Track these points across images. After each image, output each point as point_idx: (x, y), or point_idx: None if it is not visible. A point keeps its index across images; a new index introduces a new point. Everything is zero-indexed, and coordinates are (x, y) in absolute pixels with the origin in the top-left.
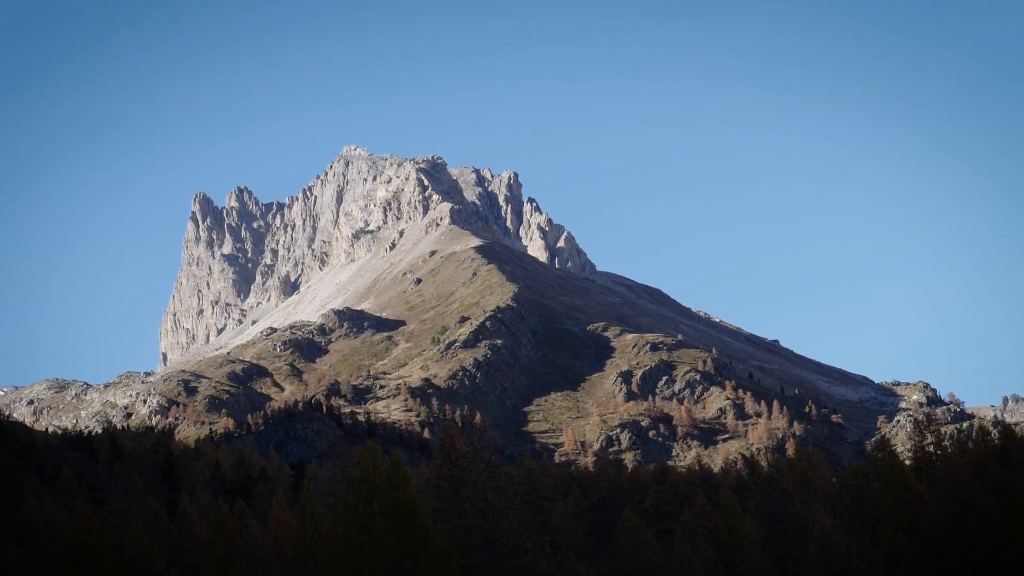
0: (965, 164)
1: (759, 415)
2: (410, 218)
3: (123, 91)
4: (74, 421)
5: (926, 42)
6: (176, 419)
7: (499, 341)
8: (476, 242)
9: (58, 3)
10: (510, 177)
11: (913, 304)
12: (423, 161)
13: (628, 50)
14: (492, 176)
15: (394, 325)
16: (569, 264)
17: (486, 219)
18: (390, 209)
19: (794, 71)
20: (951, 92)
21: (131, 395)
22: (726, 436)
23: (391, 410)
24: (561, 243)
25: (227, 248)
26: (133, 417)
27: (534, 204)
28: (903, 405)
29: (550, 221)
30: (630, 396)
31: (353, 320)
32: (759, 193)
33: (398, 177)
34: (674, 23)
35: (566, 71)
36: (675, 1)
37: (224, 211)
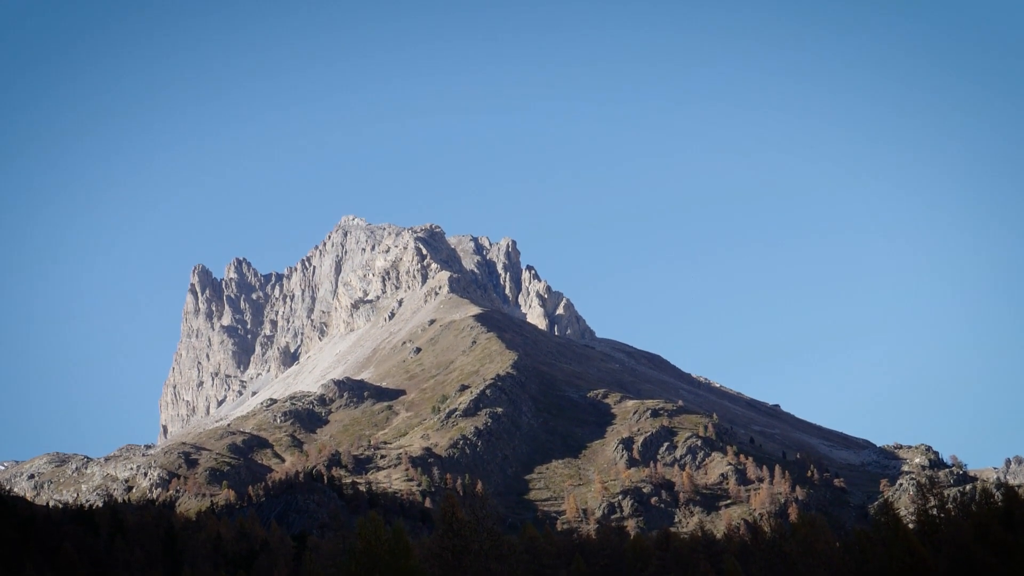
0: (963, 228)
1: (761, 480)
2: (409, 287)
3: (120, 163)
4: (75, 495)
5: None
6: (177, 492)
7: (499, 409)
8: (475, 310)
9: (36, 84)
10: (508, 245)
11: (913, 366)
12: (421, 230)
13: (621, 114)
14: (490, 244)
15: (394, 394)
16: (568, 331)
17: (485, 287)
18: (389, 278)
19: (787, 133)
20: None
21: (132, 468)
22: (728, 502)
23: (392, 480)
24: (560, 310)
25: (226, 320)
26: (134, 490)
27: (532, 272)
28: (905, 468)
29: (549, 288)
30: (631, 463)
31: (353, 390)
32: (756, 258)
33: (396, 246)
34: (666, 85)
35: (562, 136)
36: (666, 63)
37: (223, 283)
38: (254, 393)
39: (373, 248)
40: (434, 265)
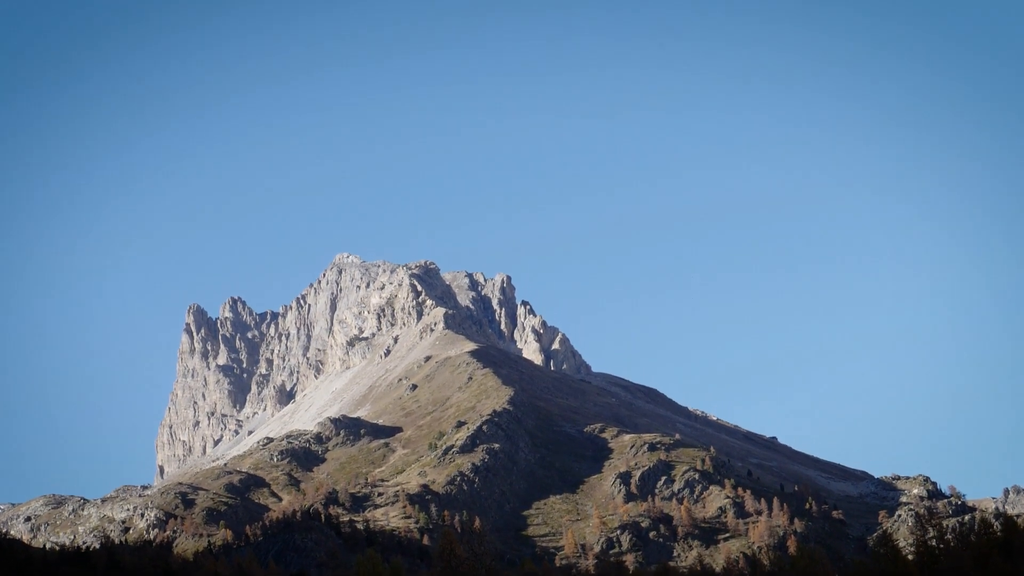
0: (961, 254)
1: (759, 513)
2: (404, 324)
3: (112, 202)
4: (72, 537)
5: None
6: (174, 532)
7: (496, 445)
8: (471, 346)
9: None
10: (503, 281)
11: (911, 396)
12: (416, 267)
13: (615, 149)
14: (485, 280)
15: (391, 432)
16: (564, 366)
17: (480, 323)
18: (384, 316)
19: (777, 154)
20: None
21: (128, 509)
22: (727, 535)
23: (390, 517)
24: (556, 345)
25: (222, 359)
26: (131, 531)
27: (528, 307)
28: (904, 499)
29: (544, 324)
30: (629, 497)
31: (349, 428)
32: (753, 290)
33: (391, 283)
34: (659, 113)
35: (555, 172)
36: (659, 95)
37: (218, 322)
38: (250, 432)
39: (368, 285)
40: (429, 302)
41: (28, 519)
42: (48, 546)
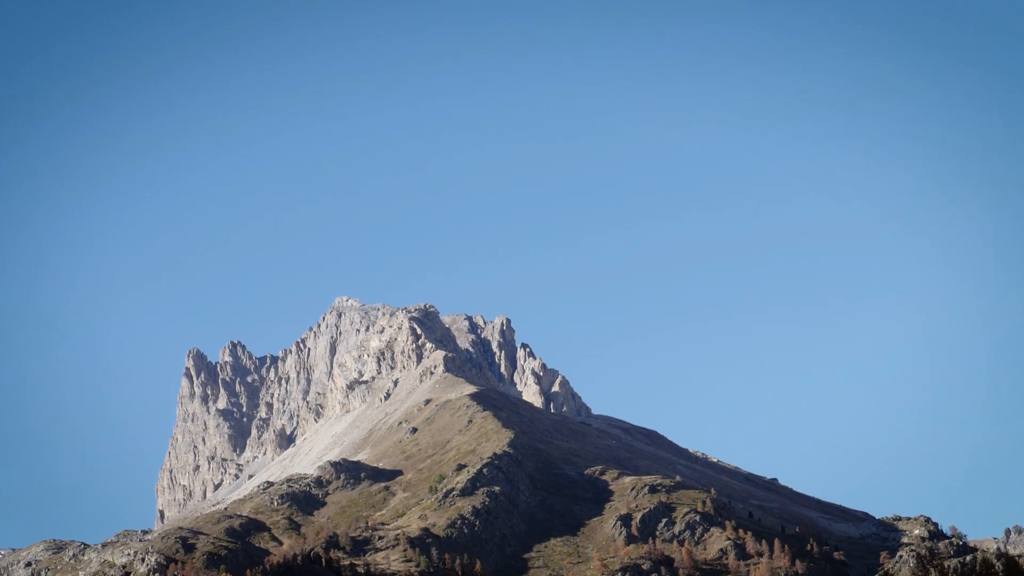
0: (960, 288)
1: (761, 554)
2: (404, 367)
3: (110, 247)
4: None
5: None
6: None
7: (497, 488)
8: (471, 389)
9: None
10: (503, 323)
11: (912, 437)
12: (415, 310)
13: (612, 191)
14: (485, 323)
15: (391, 475)
16: (564, 408)
17: (480, 366)
18: (384, 359)
19: (776, 191)
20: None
21: (129, 554)
22: None
23: (390, 561)
24: (556, 388)
25: (222, 403)
26: None
27: (527, 350)
28: (905, 540)
29: (544, 366)
30: (630, 539)
31: (350, 471)
32: (752, 331)
33: (391, 327)
34: (656, 161)
35: (553, 214)
36: (653, 126)
37: (218, 366)
38: (251, 476)
39: (367, 329)
40: (429, 345)
41: (28, 564)
42: None
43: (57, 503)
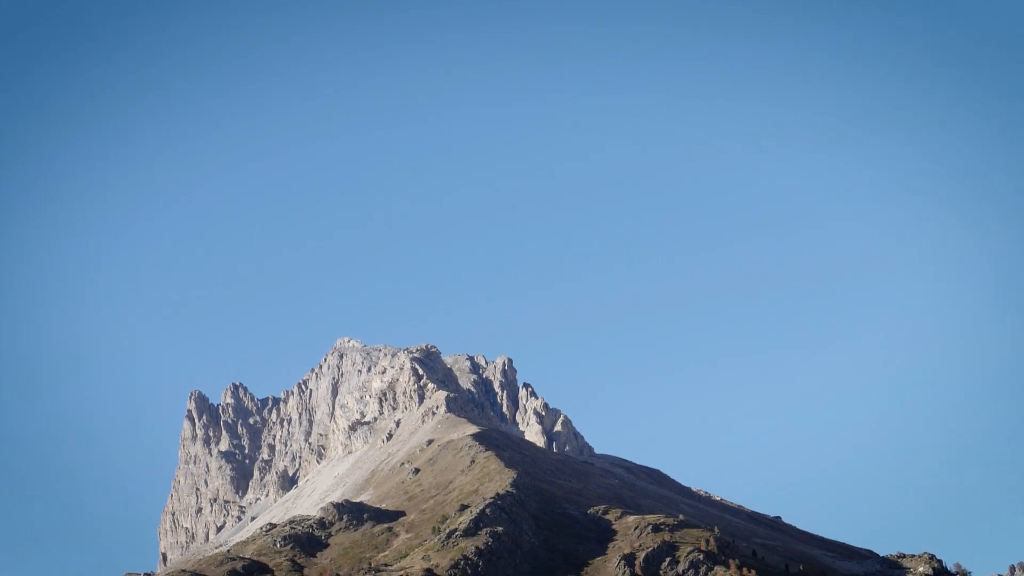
0: (967, 336)
1: None
2: (406, 408)
3: (114, 292)
4: None
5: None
6: None
7: (500, 528)
8: (473, 429)
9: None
10: (504, 363)
11: (916, 473)
12: (417, 350)
13: (613, 230)
14: (486, 363)
15: (394, 516)
16: (567, 448)
17: (482, 406)
18: (386, 400)
19: (777, 221)
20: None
21: None
22: None
23: None
24: (558, 427)
25: (224, 445)
26: None
27: (529, 389)
28: None
29: (546, 405)
30: None
31: (352, 512)
32: (755, 369)
33: (392, 367)
34: (657, 198)
35: (554, 254)
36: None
37: (220, 408)
38: (253, 518)
39: (369, 370)
40: (431, 385)
41: None
42: None
43: (60, 546)
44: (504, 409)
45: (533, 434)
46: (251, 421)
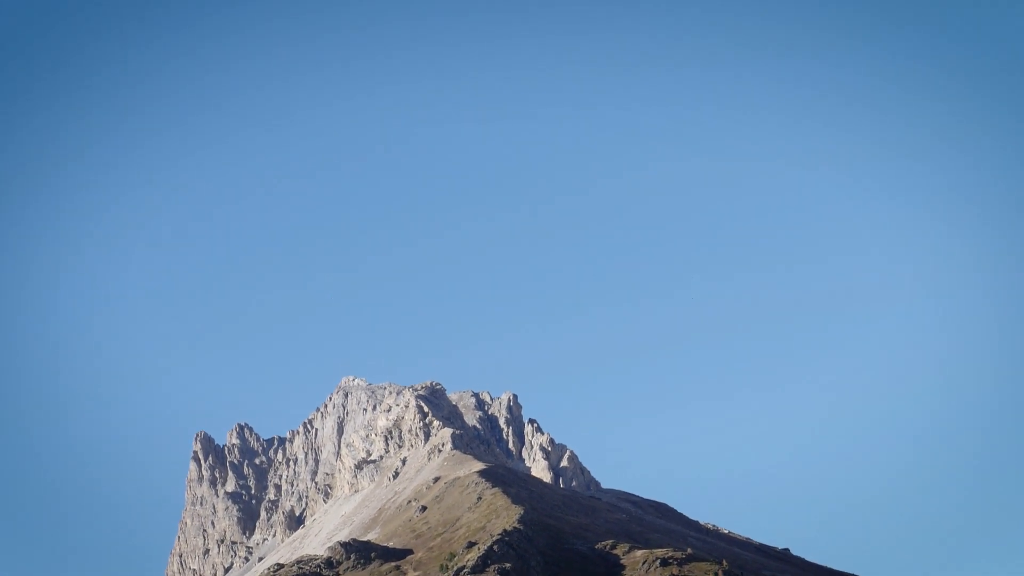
0: (975, 372)
1: None
2: (412, 446)
3: (117, 334)
4: None
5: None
6: None
7: (508, 564)
8: (479, 466)
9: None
10: (509, 399)
11: (925, 505)
12: (422, 388)
13: (615, 266)
14: (491, 399)
15: (401, 554)
16: (574, 483)
17: (488, 443)
18: (391, 438)
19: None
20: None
21: None
22: None
23: None
24: (564, 462)
25: (230, 486)
26: None
27: (535, 425)
28: None
29: (552, 441)
30: None
31: (360, 551)
32: (762, 401)
33: (398, 405)
34: (658, 233)
35: (557, 291)
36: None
37: (226, 449)
38: (261, 559)
39: (374, 408)
40: (436, 422)
41: None
42: None
43: None
44: (510, 445)
45: (539, 470)
46: (257, 461)
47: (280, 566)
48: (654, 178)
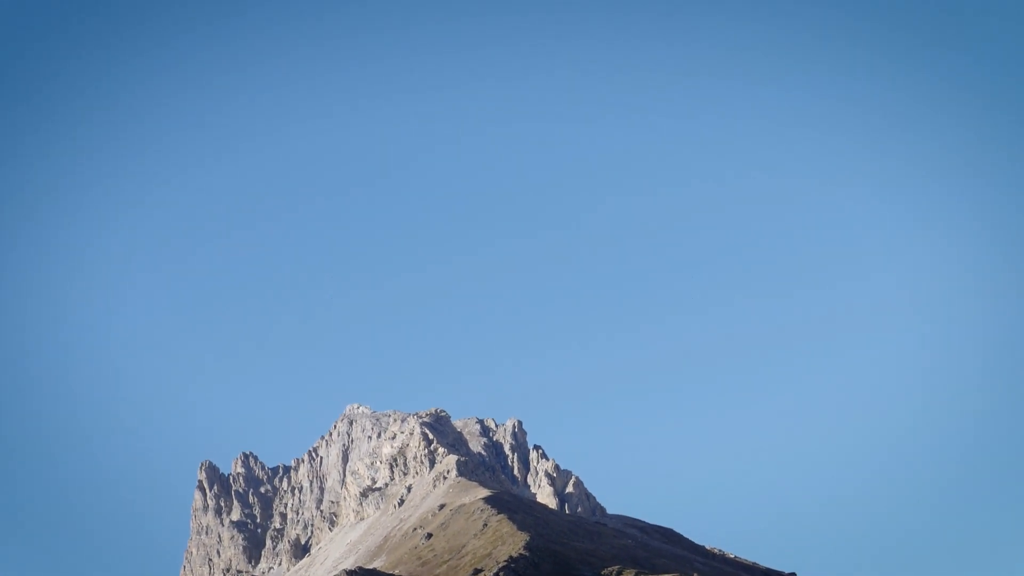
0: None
1: None
2: (417, 473)
3: (119, 365)
4: None
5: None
6: None
7: None
8: (485, 493)
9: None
10: (514, 426)
11: (935, 528)
12: (426, 415)
13: (617, 290)
14: (496, 426)
15: None
16: (579, 509)
17: (493, 469)
18: (396, 465)
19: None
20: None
21: None
22: None
23: None
24: (570, 488)
25: (235, 515)
26: None
27: (540, 451)
28: None
29: (557, 467)
30: None
31: None
32: (766, 427)
33: (402, 433)
34: (661, 258)
35: (561, 316)
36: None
37: (231, 478)
38: None
39: (379, 435)
40: (441, 449)
41: None
42: None
43: None
44: (515, 472)
45: (545, 496)
46: (262, 490)
47: None
48: (651, 204)
